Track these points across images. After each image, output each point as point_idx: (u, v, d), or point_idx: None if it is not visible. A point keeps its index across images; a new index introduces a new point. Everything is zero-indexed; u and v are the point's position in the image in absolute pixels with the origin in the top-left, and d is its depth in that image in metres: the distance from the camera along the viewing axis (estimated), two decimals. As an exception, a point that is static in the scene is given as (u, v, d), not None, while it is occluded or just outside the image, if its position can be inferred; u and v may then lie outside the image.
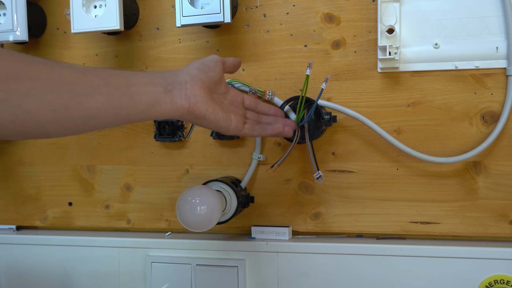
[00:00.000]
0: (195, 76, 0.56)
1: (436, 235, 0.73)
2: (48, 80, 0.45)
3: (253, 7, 0.76)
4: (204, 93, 0.56)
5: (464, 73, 0.70)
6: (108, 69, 0.54)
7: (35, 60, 0.46)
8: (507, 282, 0.67)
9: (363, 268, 0.72)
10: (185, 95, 0.54)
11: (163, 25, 0.80)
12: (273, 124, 0.65)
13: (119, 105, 0.49)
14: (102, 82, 0.49)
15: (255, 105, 0.66)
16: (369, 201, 0.74)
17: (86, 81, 0.47)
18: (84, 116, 0.47)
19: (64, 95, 0.45)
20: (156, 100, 0.52)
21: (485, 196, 0.71)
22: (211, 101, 0.57)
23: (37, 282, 0.86)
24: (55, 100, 0.45)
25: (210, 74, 0.58)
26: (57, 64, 0.47)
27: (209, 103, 0.56)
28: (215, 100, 0.58)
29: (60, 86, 0.45)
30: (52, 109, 0.45)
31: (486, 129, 0.70)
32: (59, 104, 0.45)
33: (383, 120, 0.72)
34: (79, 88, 0.47)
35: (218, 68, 0.59)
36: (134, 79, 0.52)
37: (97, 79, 0.49)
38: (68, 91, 0.46)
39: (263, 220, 0.78)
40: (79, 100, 0.46)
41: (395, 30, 0.69)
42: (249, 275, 0.76)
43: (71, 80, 0.46)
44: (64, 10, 0.85)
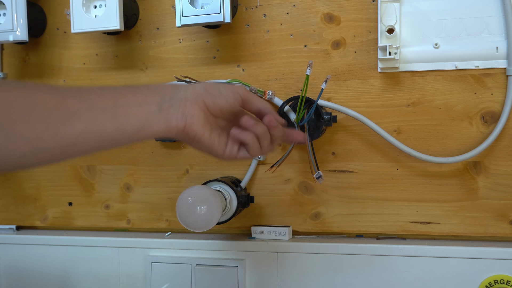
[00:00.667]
0: (198, 96, 0.50)
1: (436, 235, 0.73)
2: (22, 109, 0.41)
3: (253, 7, 0.76)
4: (204, 115, 0.51)
5: (464, 73, 0.70)
6: (97, 88, 0.48)
7: (12, 87, 0.42)
8: (507, 282, 0.67)
9: (363, 268, 0.72)
10: (182, 114, 0.49)
11: (163, 25, 0.80)
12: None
13: (102, 130, 0.45)
14: (84, 105, 0.44)
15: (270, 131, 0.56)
16: (369, 201, 0.74)
17: (65, 106, 0.43)
18: (62, 145, 0.43)
19: (37, 125, 0.41)
20: (147, 122, 0.47)
21: (485, 196, 0.71)
22: (209, 124, 0.51)
23: (37, 282, 0.86)
24: (28, 131, 0.41)
25: (218, 101, 0.51)
26: (37, 89, 0.43)
27: (206, 127, 0.51)
28: (216, 124, 0.53)
29: (34, 115, 0.41)
30: (25, 141, 0.41)
31: (486, 129, 0.70)
32: (32, 136, 0.41)
33: (383, 120, 0.72)
34: (55, 115, 0.43)
35: (233, 101, 0.52)
36: (123, 99, 0.47)
37: (78, 102, 0.44)
38: (43, 120, 0.42)
39: (263, 220, 0.78)
40: (55, 129, 0.42)
41: (395, 30, 0.69)
42: (249, 275, 0.76)
43: (48, 106, 0.42)
44: (64, 10, 0.85)
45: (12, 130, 0.40)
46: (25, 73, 0.87)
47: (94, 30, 0.75)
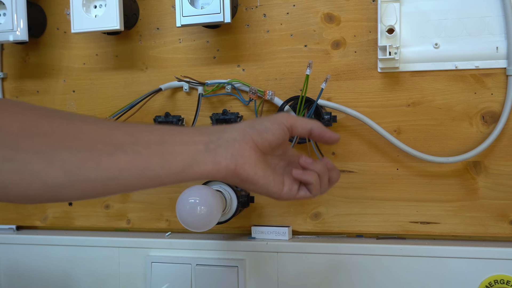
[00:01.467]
0: (246, 135, 0.49)
1: (436, 235, 0.73)
2: (66, 137, 0.40)
3: (253, 7, 0.76)
4: (255, 154, 0.49)
5: (464, 73, 0.70)
6: (143, 124, 0.47)
7: (58, 115, 0.41)
8: (507, 282, 0.67)
9: (363, 268, 0.72)
10: (231, 155, 0.47)
11: (163, 25, 0.80)
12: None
13: (146, 166, 0.43)
14: (130, 139, 0.43)
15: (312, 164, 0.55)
16: (369, 201, 0.74)
17: (111, 138, 0.42)
18: (103, 178, 0.41)
19: (80, 154, 0.40)
20: (194, 160, 0.45)
21: (485, 196, 0.71)
22: (261, 163, 0.49)
23: (37, 282, 0.86)
24: (69, 159, 0.40)
25: (265, 136, 0.50)
26: (82, 119, 0.43)
27: (259, 166, 0.49)
28: (267, 162, 0.51)
29: (77, 143, 0.41)
30: (65, 169, 0.40)
31: (486, 129, 0.70)
32: (73, 164, 0.40)
33: (383, 120, 0.72)
34: (100, 145, 0.41)
35: (280, 132, 0.50)
36: (170, 136, 0.46)
37: (124, 135, 0.43)
38: (86, 149, 0.41)
39: (263, 220, 0.78)
40: (98, 160, 0.41)
41: (395, 30, 0.69)
42: (249, 275, 0.76)
43: (93, 136, 0.42)
44: (64, 10, 0.85)
45: (53, 156, 0.39)
46: (25, 73, 0.87)
47: (94, 30, 0.75)
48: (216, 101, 0.79)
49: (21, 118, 0.39)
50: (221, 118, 0.75)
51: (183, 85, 0.78)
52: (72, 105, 0.85)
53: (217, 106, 0.78)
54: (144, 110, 0.80)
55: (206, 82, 0.77)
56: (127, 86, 0.82)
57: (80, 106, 0.85)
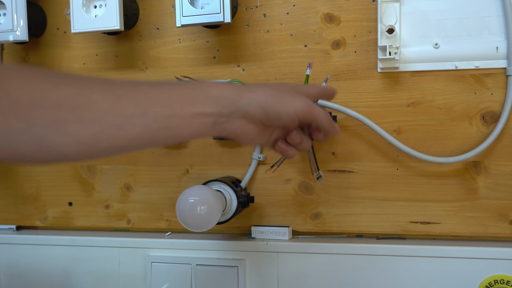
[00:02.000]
0: (257, 113, 0.50)
1: (436, 235, 0.73)
2: (75, 109, 0.41)
3: (253, 7, 0.76)
4: (257, 129, 0.52)
5: (464, 73, 0.70)
6: (153, 88, 0.47)
7: (65, 82, 0.42)
8: (507, 282, 0.67)
9: (363, 268, 0.72)
10: (235, 130, 0.50)
11: (163, 25, 0.80)
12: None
13: (155, 137, 0.45)
14: (139, 111, 0.44)
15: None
16: (369, 201, 0.74)
17: (120, 109, 0.43)
18: (114, 146, 0.44)
19: (92, 126, 0.42)
20: (198, 134, 0.48)
21: (485, 196, 0.71)
22: (259, 133, 0.53)
23: (37, 282, 0.86)
24: (82, 131, 0.41)
25: (274, 121, 0.52)
26: (89, 87, 0.43)
27: (255, 136, 0.52)
28: (265, 130, 0.54)
29: (88, 115, 0.42)
30: (78, 141, 0.41)
31: (486, 129, 0.70)
32: (86, 136, 0.41)
33: (383, 120, 0.72)
34: (109, 118, 0.42)
35: (290, 121, 0.52)
36: (180, 108, 0.46)
37: (133, 106, 0.44)
38: (97, 121, 0.42)
39: (263, 220, 0.78)
40: (109, 132, 0.42)
41: (395, 30, 0.69)
42: (249, 275, 0.76)
43: (102, 107, 0.42)
44: (64, 10, 0.85)
45: (66, 129, 0.41)
46: (25, 73, 0.87)
47: (94, 30, 0.75)
48: (216, 101, 0.78)
49: (30, 88, 0.40)
50: (221, 118, 0.75)
51: (183, 85, 0.78)
52: (72, 105, 0.85)
53: (217, 106, 0.78)
54: (144, 110, 0.80)
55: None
56: (127, 86, 0.82)
57: None
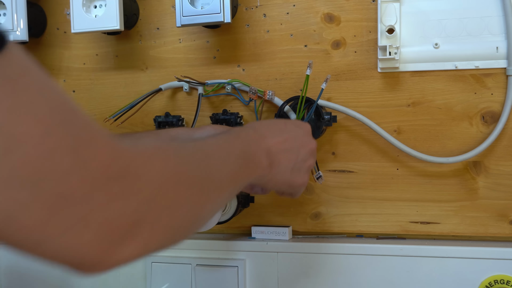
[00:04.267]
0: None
1: (436, 235, 0.73)
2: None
3: (253, 7, 0.76)
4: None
5: (464, 73, 0.70)
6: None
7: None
8: (507, 282, 0.67)
9: (363, 268, 0.72)
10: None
11: (163, 25, 0.80)
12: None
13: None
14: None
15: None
16: (369, 201, 0.74)
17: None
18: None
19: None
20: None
21: (485, 196, 0.71)
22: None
23: (37, 282, 0.86)
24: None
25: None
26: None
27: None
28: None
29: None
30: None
31: (486, 129, 0.70)
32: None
33: (383, 120, 0.72)
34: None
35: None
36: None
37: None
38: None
39: (263, 220, 0.78)
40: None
41: (395, 30, 0.69)
42: (249, 275, 0.76)
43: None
44: (64, 10, 0.85)
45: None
46: (25, 73, 0.87)
47: (94, 30, 0.75)
48: (216, 101, 0.79)
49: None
50: (221, 118, 0.75)
51: (183, 85, 0.78)
52: (72, 105, 0.85)
53: (217, 106, 0.78)
54: (144, 110, 0.80)
55: (206, 82, 0.77)
56: (127, 86, 0.82)
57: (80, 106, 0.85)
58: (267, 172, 0.51)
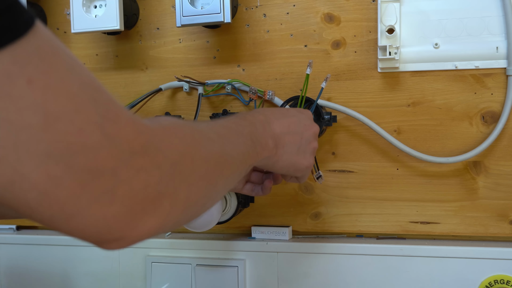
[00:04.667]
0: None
1: (436, 235, 0.73)
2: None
3: (253, 7, 0.76)
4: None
5: (464, 73, 0.70)
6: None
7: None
8: (507, 282, 0.67)
9: (363, 268, 0.72)
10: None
11: (163, 25, 0.80)
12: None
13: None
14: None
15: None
16: (369, 201, 0.74)
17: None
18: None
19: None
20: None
21: (485, 196, 0.71)
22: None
23: (37, 282, 0.86)
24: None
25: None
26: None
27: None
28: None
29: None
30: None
31: (486, 129, 0.70)
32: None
33: (383, 120, 0.72)
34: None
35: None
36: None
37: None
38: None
39: (263, 220, 0.78)
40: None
41: (395, 30, 0.69)
42: (249, 275, 0.76)
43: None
44: (64, 10, 0.85)
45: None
46: (25, 73, 0.87)
47: (94, 30, 0.75)
48: (216, 101, 0.79)
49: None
50: (221, 118, 0.75)
51: (183, 85, 0.78)
52: (72, 105, 0.85)
53: (217, 106, 0.78)
54: (144, 110, 0.80)
55: (206, 82, 0.77)
56: (127, 86, 0.82)
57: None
58: (273, 153, 0.53)
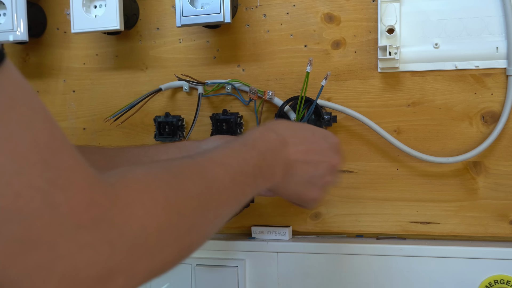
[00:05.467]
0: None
1: (436, 235, 0.73)
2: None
3: (253, 7, 0.76)
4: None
5: (464, 73, 0.70)
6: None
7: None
8: (507, 282, 0.67)
9: (363, 268, 0.72)
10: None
11: (163, 25, 0.80)
12: None
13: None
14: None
15: None
16: (369, 201, 0.74)
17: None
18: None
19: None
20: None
21: (485, 196, 0.71)
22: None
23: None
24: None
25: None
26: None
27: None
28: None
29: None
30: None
31: (486, 129, 0.70)
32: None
33: (383, 120, 0.72)
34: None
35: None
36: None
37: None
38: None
39: (263, 220, 0.78)
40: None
41: (395, 30, 0.69)
42: (249, 275, 0.76)
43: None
44: (64, 10, 0.85)
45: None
46: (25, 73, 0.87)
47: (94, 30, 0.75)
48: (216, 101, 0.79)
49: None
50: (221, 118, 0.75)
51: (183, 85, 0.78)
52: (72, 105, 0.85)
53: (217, 106, 0.78)
54: (144, 110, 0.80)
55: (206, 82, 0.77)
56: (127, 86, 0.82)
57: (80, 106, 0.85)
58: (279, 181, 0.49)
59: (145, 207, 0.32)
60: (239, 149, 0.45)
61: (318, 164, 0.53)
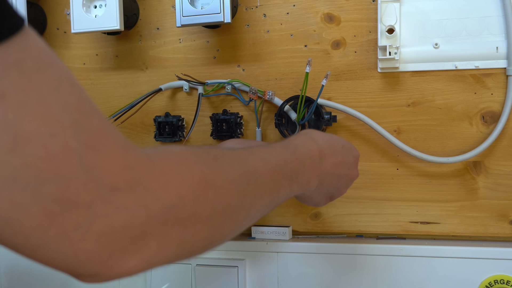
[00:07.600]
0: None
1: (436, 235, 0.73)
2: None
3: (253, 7, 0.76)
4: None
5: (464, 73, 0.70)
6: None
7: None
8: (507, 282, 0.67)
9: (363, 268, 0.72)
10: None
11: (163, 25, 0.80)
12: None
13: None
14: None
15: None
16: (369, 201, 0.74)
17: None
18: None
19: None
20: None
21: (485, 196, 0.71)
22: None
23: (38, 281, 0.86)
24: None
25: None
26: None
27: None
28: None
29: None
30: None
31: (486, 129, 0.70)
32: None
33: (383, 120, 0.72)
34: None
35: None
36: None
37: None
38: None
39: (263, 220, 0.78)
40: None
41: (395, 30, 0.69)
42: (249, 275, 0.76)
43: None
44: (64, 10, 0.85)
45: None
46: (25, 73, 0.87)
47: (94, 30, 0.75)
48: (216, 101, 0.79)
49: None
50: (221, 118, 0.75)
51: (183, 85, 0.78)
52: (72, 105, 0.85)
53: (217, 106, 0.78)
54: (144, 110, 0.80)
55: (206, 82, 0.77)
56: (127, 86, 0.82)
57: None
58: (310, 190, 0.49)
59: (182, 177, 0.32)
60: (281, 150, 0.45)
61: (342, 177, 0.54)
